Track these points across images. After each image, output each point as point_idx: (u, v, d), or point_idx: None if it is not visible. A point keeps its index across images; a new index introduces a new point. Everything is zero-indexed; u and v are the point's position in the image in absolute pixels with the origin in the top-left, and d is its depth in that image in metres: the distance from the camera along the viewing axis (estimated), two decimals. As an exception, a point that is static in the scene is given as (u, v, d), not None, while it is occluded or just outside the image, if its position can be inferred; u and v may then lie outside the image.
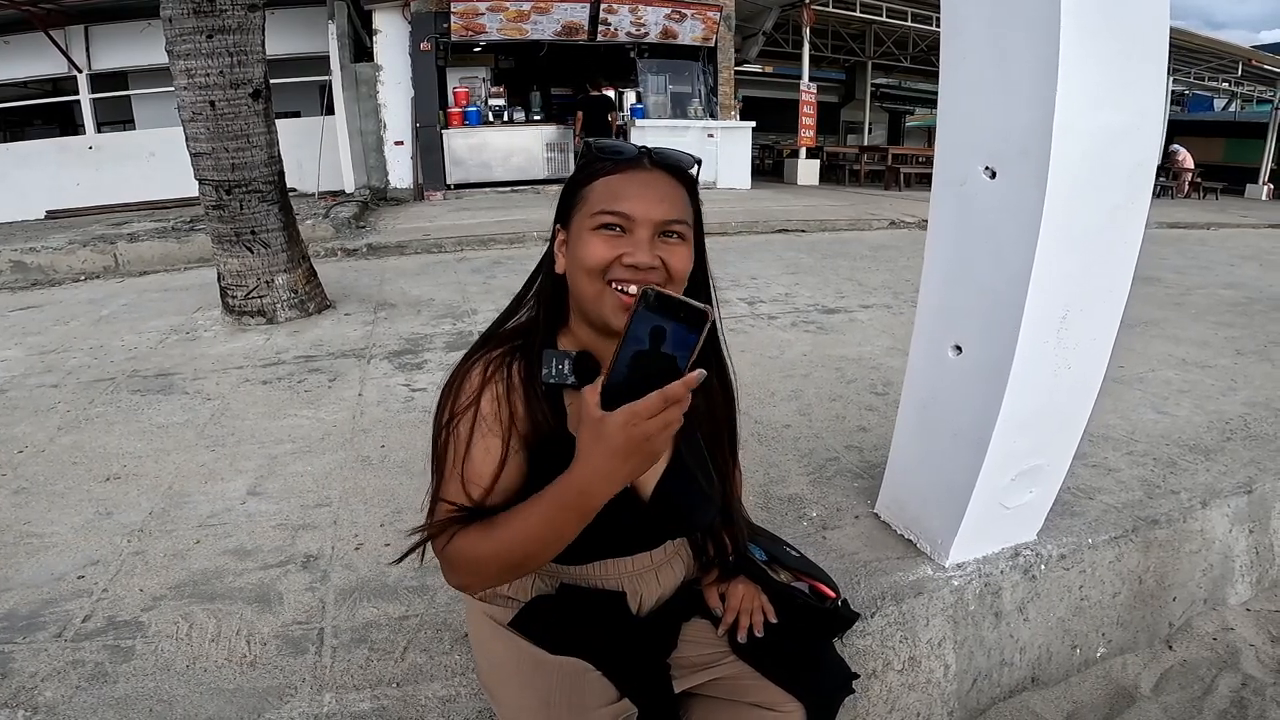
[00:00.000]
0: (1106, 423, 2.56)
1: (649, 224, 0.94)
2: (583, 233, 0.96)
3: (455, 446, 0.96)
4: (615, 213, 0.94)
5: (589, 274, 0.95)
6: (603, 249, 0.94)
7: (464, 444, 0.95)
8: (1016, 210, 1.37)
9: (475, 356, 1.00)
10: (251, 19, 3.56)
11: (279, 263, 3.90)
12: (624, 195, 0.95)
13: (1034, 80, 1.29)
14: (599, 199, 0.96)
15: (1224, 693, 1.82)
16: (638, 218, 0.94)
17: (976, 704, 1.74)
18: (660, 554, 1.14)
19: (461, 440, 0.95)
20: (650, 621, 1.13)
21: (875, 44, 16.09)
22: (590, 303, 0.96)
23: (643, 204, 0.94)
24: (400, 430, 2.54)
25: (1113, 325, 1.54)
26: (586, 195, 0.98)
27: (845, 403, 2.77)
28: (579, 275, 0.96)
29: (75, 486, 2.17)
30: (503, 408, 0.96)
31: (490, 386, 0.96)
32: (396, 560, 1.07)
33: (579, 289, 0.97)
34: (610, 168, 0.98)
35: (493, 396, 0.96)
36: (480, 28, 9.36)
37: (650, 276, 0.94)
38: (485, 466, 0.95)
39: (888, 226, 7.68)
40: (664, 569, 1.15)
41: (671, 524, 1.11)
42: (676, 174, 1.00)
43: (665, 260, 0.95)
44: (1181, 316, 4.26)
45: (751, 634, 1.14)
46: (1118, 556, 1.90)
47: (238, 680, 1.37)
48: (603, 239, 0.94)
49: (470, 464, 0.95)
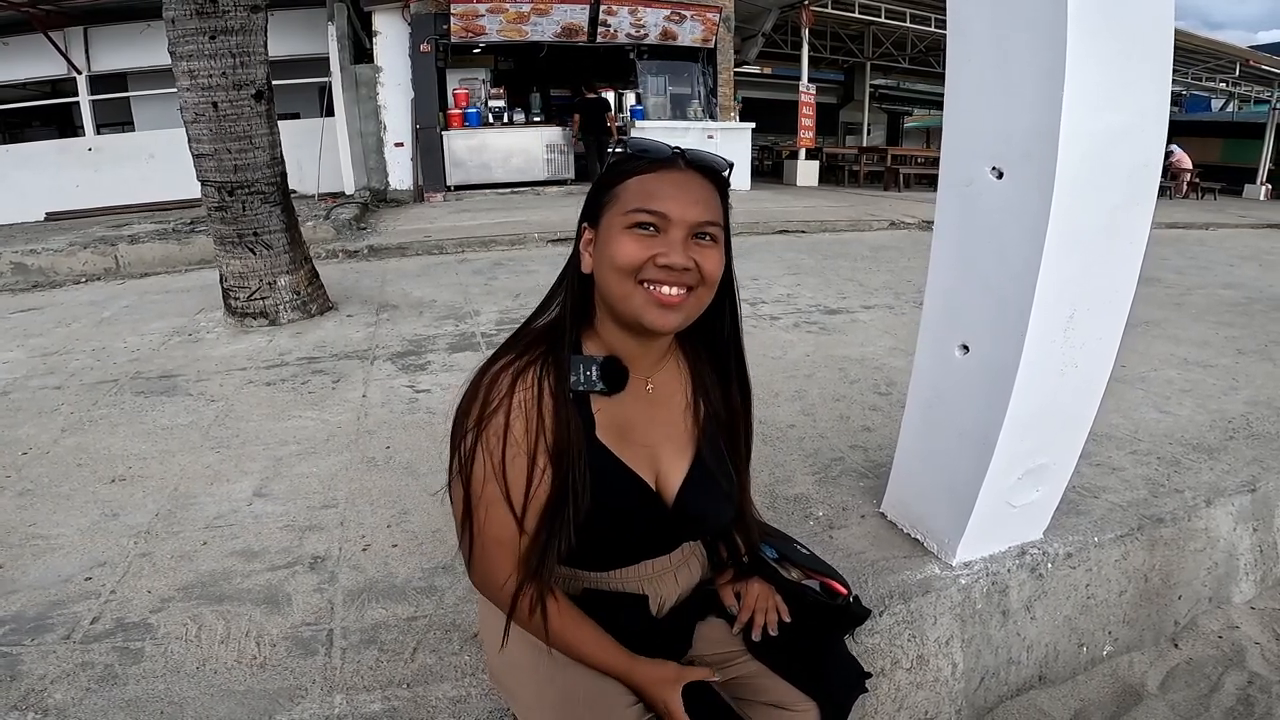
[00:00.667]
0: (1110, 422, 2.57)
1: (684, 225, 0.93)
2: (614, 231, 0.94)
3: (491, 469, 0.96)
4: (651, 211, 0.93)
5: (620, 273, 0.94)
6: (635, 249, 0.93)
7: (500, 467, 0.95)
8: (1023, 211, 1.37)
9: (501, 362, 0.99)
10: (254, 20, 3.56)
11: (281, 264, 3.90)
12: (659, 195, 0.93)
13: (1039, 82, 1.29)
14: (633, 198, 0.94)
15: (1230, 690, 1.82)
16: (674, 218, 0.93)
17: (984, 702, 1.75)
18: (678, 555, 1.15)
19: (496, 464, 0.95)
20: (668, 622, 1.14)
21: (874, 45, 16.13)
22: (620, 302, 0.95)
23: (678, 204, 0.93)
24: (405, 431, 2.54)
25: (1119, 325, 1.54)
26: (619, 194, 0.96)
27: (849, 403, 2.77)
28: (609, 274, 0.95)
29: (80, 488, 2.17)
30: (531, 421, 0.95)
31: (519, 397, 0.96)
32: (500, 648, 1.08)
33: (608, 288, 0.96)
34: (644, 166, 0.96)
35: (521, 414, 0.95)
36: (480, 29, 9.37)
37: (684, 278, 0.94)
38: (518, 487, 0.96)
39: (888, 227, 7.69)
40: (681, 570, 1.16)
41: (692, 526, 1.12)
42: (710, 175, 0.99)
43: (698, 262, 0.94)
44: (1182, 316, 4.27)
45: (765, 633, 1.15)
46: (1123, 555, 1.90)
47: (248, 682, 1.37)
48: (635, 238, 0.93)
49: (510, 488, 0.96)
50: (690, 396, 1.09)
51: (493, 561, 0.99)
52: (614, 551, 1.07)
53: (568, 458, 0.96)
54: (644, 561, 1.11)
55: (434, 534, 1.87)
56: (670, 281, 0.93)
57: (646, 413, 1.05)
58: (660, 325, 0.94)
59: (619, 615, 1.07)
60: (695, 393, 1.10)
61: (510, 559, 0.99)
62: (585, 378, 0.97)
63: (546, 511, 0.97)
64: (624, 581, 1.11)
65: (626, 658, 1.02)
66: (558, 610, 1.01)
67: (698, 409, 1.09)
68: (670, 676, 1.02)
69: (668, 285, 0.93)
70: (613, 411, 1.02)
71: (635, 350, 1.02)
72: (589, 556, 1.06)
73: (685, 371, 1.11)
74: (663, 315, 0.94)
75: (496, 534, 0.98)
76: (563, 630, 1.01)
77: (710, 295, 0.99)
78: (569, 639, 1.01)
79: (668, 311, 0.94)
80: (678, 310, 0.95)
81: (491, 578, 1.00)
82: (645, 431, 1.05)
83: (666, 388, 1.08)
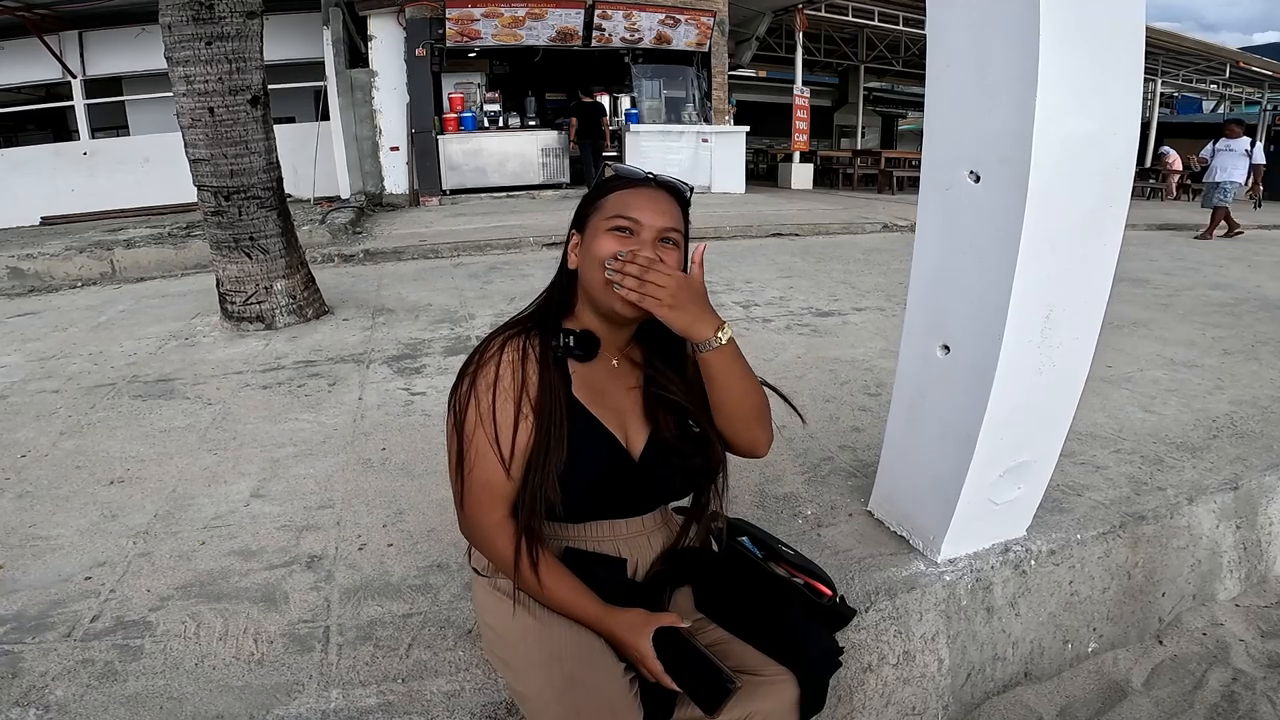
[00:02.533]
0: (1094, 421, 2.61)
1: (653, 229, 1.15)
2: (598, 233, 1.16)
3: (480, 415, 1.13)
4: (627, 217, 1.15)
5: (600, 264, 1.13)
6: (613, 244, 1.14)
7: (490, 412, 1.12)
8: (999, 213, 1.41)
9: (495, 333, 1.19)
10: (250, 26, 3.59)
11: (278, 268, 3.93)
12: (634, 205, 1.16)
13: (1014, 88, 1.33)
14: (614, 207, 1.17)
15: (1214, 687, 1.85)
16: (645, 223, 1.15)
17: (970, 698, 1.78)
18: (650, 520, 1.28)
19: (485, 408, 1.12)
20: (644, 586, 1.24)
21: (868, 48, 16.21)
22: (599, 289, 1.14)
23: (649, 214, 1.15)
24: (401, 433, 2.57)
25: (1095, 324, 1.58)
26: (602, 205, 1.18)
27: (839, 404, 2.81)
28: (593, 266, 1.15)
29: (79, 490, 2.19)
30: (517, 374, 1.14)
31: (508, 355, 1.14)
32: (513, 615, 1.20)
33: (591, 278, 1.16)
34: (625, 185, 1.19)
35: (510, 363, 1.14)
36: (475, 33, 9.41)
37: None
38: (505, 431, 1.12)
39: (880, 230, 7.75)
40: (654, 535, 1.29)
41: (657, 487, 1.26)
42: (674, 194, 1.21)
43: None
44: (1169, 317, 4.31)
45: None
46: (1106, 552, 1.94)
47: (246, 677, 1.40)
48: (614, 238, 1.15)
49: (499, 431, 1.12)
50: (641, 384, 1.25)
51: (480, 504, 1.14)
52: (591, 502, 1.20)
53: (548, 409, 1.13)
54: (619, 520, 1.24)
55: (429, 533, 1.90)
56: None
57: (614, 383, 1.23)
58: (624, 311, 1.13)
59: (597, 573, 1.18)
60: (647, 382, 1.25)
61: (497, 502, 1.14)
62: (564, 344, 1.18)
63: (530, 457, 1.13)
64: (600, 542, 1.24)
65: (600, 607, 1.14)
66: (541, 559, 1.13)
67: (648, 396, 1.25)
68: (639, 622, 1.11)
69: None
70: (587, 376, 1.21)
71: (606, 334, 1.22)
72: (569, 507, 1.17)
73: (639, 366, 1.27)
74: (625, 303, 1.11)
75: (485, 477, 1.13)
76: (544, 577, 1.13)
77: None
78: (548, 585, 1.13)
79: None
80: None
81: (479, 520, 1.15)
82: (614, 399, 1.22)
83: (627, 369, 1.26)
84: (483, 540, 1.17)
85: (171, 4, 3.42)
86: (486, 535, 1.15)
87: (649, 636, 1.09)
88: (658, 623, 1.10)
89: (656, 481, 1.24)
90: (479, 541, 1.19)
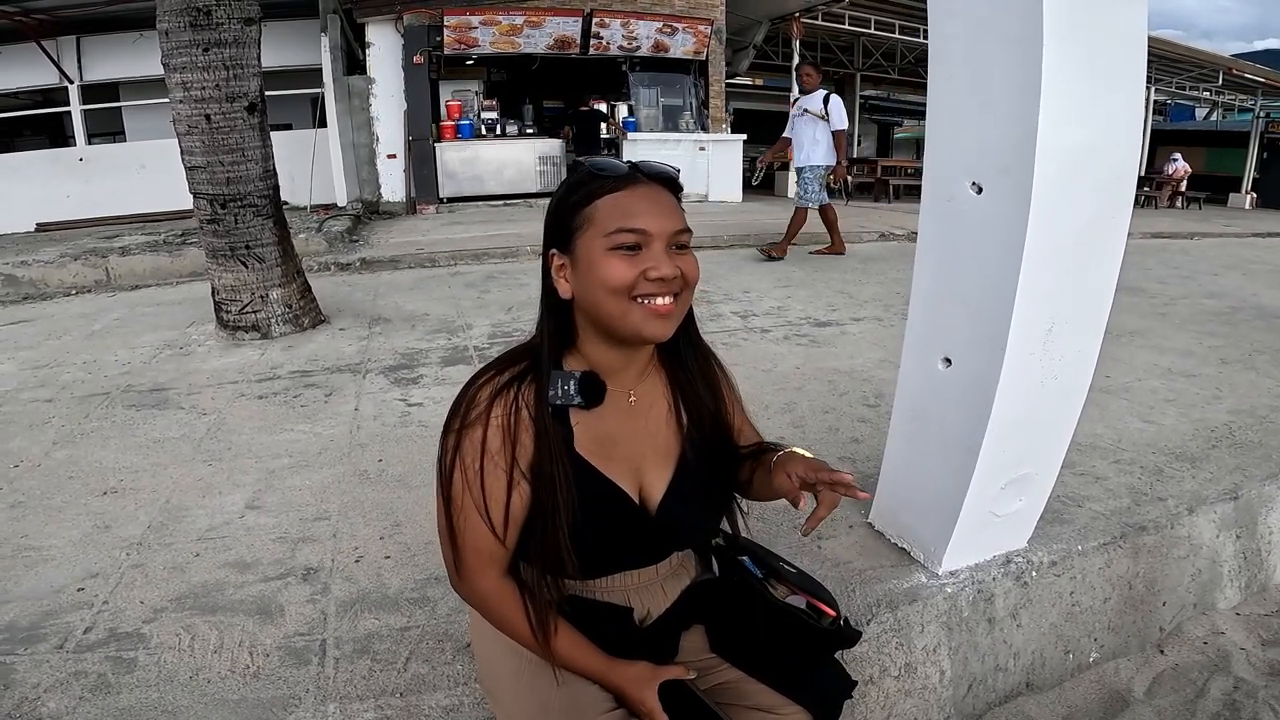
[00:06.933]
0: (1094, 432, 2.60)
1: (664, 237, 0.96)
2: (597, 255, 0.95)
3: (468, 482, 0.99)
4: (633, 230, 0.95)
5: (614, 294, 0.95)
6: (625, 268, 0.95)
7: (478, 480, 0.99)
8: (1001, 225, 1.41)
9: (483, 379, 1.03)
10: (248, 33, 3.58)
11: (274, 277, 3.91)
12: (635, 211, 0.96)
13: (1016, 99, 1.33)
14: (609, 218, 0.96)
15: (1216, 696, 1.85)
16: (654, 232, 0.95)
17: (972, 710, 1.77)
18: (666, 566, 1.17)
19: (473, 476, 0.99)
20: (652, 631, 1.15)
21: (864, 56, 16.27)
22: (618, 320, 0.97)
23: (655, 219, 0.96)
24: (397, 445, 2.55)
25: (1097, 336, 1.57)
26: (591, 216, 0.97)
27: (838, 415, 2.80)
28: (602, 296, 0.96)
29: (72, 500, 2.17)
30: (508, 438, 0.99)
31: (496, 417, 0.99)
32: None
33: (603, 310, 0.97)
34: (610, 185, 0.98)
35: (499, 425, 0.99)
36: (473, 41, 9.42)
37: (674, 287, 0.97)
38: (496, 503, 1.00)
39: (877, 239, 7.76)
40: (669, 581, 1.18)
41: (678, 535, 1.15)
42: (669, 185, 1.02)
43: (682, 270, 0.98)
44: (1166, 326, 4.32)
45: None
46: (1107, 563, 1.93)
47: (242, 691, 1.38)
48: (622, 258, 0.95)
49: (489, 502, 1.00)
50: (671, 402, 1.13)
51: (474, 570, 1.03)
52: (597, 560, 1.09)
53: (546, 472, 1.00)
54: (630, 571, 1.13)
55: (426, 545, 1.88)
56: (662, 292, 0.97)
57: (628, 425, 1.08)
58: (660, 334, 0.98)
59: (600, 624, 1.10)
60: (676, 399, 1.13)
61: (490, 568, 1.03)
62: (563, 392, 1.00)
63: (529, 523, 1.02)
64: (609, 592, 1.13)
65: (604, 661, 1.06)
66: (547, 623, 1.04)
67: (679, 416, 1.13)
68: (646, 675, 1.06)
69: (660, 296, 0.97)
70: (593, 425, 1.05)
71: (620, 364, 1.05)
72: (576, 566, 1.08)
73: (664, 380, 1.14)
74: (661, 324, 0.98)
75: (475, 543, 1.01)
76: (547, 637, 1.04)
77: (692, 296, 1.03)
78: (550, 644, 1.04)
79: (665, 320, 0.98)
80: (672, 317, 0.99)
81: (474, 585, 1.05)
82: (627, 444, 1.08)
83: (648, 398, 1.11)
84: (481, 605, 1.07)
85: (169, 10, 3.42)
86: (484, 600, 1.06)
87: (655, 690, 1.04)
88: (663, 676, 1.06)
89: (676, 532, 1.14)
90: (477, 606, 1.09)
